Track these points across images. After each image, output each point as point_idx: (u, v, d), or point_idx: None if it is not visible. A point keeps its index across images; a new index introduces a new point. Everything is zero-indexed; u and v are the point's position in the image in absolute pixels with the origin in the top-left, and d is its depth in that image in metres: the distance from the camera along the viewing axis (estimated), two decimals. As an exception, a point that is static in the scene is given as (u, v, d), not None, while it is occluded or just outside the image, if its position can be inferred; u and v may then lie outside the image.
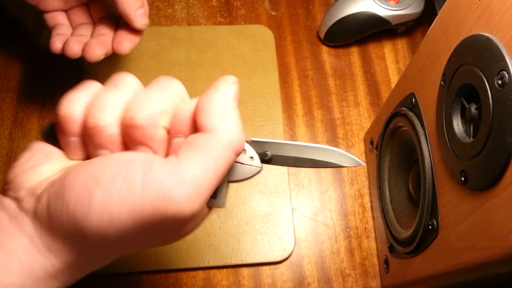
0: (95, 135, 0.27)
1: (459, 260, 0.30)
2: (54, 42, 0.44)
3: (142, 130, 0.26)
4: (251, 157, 0.28)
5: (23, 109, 0.54)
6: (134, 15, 0.42)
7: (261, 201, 0.51)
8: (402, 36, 0.62)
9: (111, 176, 0.24)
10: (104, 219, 0.23)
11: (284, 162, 0.29)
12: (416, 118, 0.38)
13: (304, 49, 0.61)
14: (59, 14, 0.47)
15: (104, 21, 0.46)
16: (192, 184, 0.24)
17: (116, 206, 0.23)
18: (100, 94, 0.27)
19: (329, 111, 0.57)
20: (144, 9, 0.43)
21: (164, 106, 0.27)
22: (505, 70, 0.25)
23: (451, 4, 0.33)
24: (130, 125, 0.26)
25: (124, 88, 0.28)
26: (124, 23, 0.44)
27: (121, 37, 0.44)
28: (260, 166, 0.28)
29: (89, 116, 0.27)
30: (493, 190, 0.27)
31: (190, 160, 0.24)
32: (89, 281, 0.47)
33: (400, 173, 0.46)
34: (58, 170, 0.27)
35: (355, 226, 0.51)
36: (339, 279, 0.49)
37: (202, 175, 0.24)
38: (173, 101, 0.28)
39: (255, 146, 0.28)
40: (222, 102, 0.26)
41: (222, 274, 0.48)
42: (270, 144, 0.29)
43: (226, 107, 0.26)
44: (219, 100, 0.26)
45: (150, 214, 0.23)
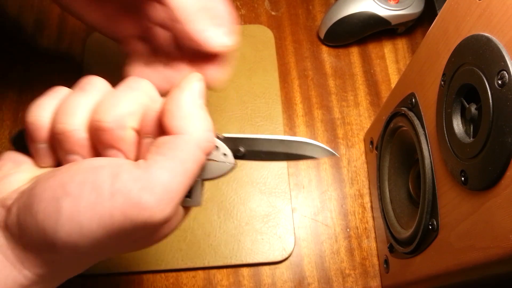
0: (63, 141, 0.26)
1: (459, 260, 0.30)
2: (128, 71, 0.39)
3: (110, 132, 0.26)
4: (224, 153, 0.28)
5: (23, 109, 0.54)
6: (199, 32, 0.32)
7: (261, 201, 0.51)
8: (402, 36, 0.62)
9: (79, 185, 0.23)
10: (74, 229, 0.23)
11: (258, 157, 0.28)
12: (416, 118, 0.38)
13: (304, 49, 0.61)
14: (134, 41, 0.40)
15: (181, 52, 0.38)
16: (161, 189, 0.23)
17: (85, 215, 0.23)
18: (68, 99, 0.27)
19: (329, 111, 0.57)
20: (223, 28, 0.33)
21: (132, 107, 0.26)
22: (505, 70, 0.25)
23: (451, 4, 0.33)
24: (98, 128, 0.26)
25: (91, 91, 0.27)
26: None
27: (202, 69, 0.36)
28: (234, 163, 0.28)
29: (57, 121, 0.26)
30: (493, 190, 0.27)
31: (158, 165, 0.24)
32: (88, 281, 0.47)
33: (400, 173, 0.46)
34: (28, 179, 0.26)
35: (355, 226, 0.51)
36: (339, 279, 0.49)
37: (172, 180, 0.24)
38: (142, 101, 0.27)
39: (228, 142, 0.28)
40: (187, 102, 0.25)
41: (222, 274, 0.48)
42: (243, 139, 0.28)
43: (191, 107, 0.25)
44: (184, 101, 0.25)
45: (120, 222, 0.23)
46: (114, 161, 0.25)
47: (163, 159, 0.24)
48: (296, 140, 0.28)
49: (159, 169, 0.24)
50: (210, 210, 0.50)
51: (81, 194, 0.23)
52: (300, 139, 0.28)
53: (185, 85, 0.26)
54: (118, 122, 0.25)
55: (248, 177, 0.52)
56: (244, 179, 0.52)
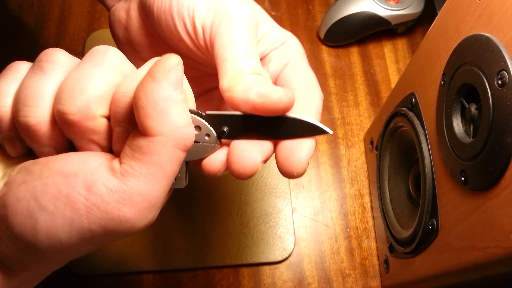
0: (30, 135, 0.23)
1: (459, 260, 0.30)
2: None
3: (77, 125, 0.22)
4: (207, 134, 0.25)
5: (23, 109, 0.54)
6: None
7: (261, 201, 0.51)
8: (402, 36, 0.62)
9: (52, 198, 0.22)
10: (53, 243, 0.22)
11: (242, 136, 0.25)
12: (416, 118, 0.38)
13: (304, 49, 0.60)
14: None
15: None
16: (141, 199, 0.22)
17: (63, 231, 0.22)
18: (27, 83, 0.23)
19: (329, 111, 0.57)
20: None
21: (100, 89, 0.22)
22: (505, 70, 0.25)
23: (451, 4, 0.33)
24: (63, 121, 0.22)
25: (53, 71, 0.23)
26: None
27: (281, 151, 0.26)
28: (217, 143, 0.25)
29: (18, 114, 0.23)
30: (493, 190, 0.27)
31: (135, 172, 0.22)
32: (88, 281, 0.47)
33: (400, 173, 0.46)
34: (1, 175, 0.25)
35: (355, 226, 0.51)
36: (339, 279, 0.49)
37: (151, 187, 0.22)
38: (111, 80, 0.23)
39: (210, 120, 0.25)
40: (160, 98, 0.21)
41: (222, 274, 0.48)
42: (226, 117, 0.25)
43: (166, 103, 0.21)
44: (157, 96, 0.21)
45: (101, 234, 0.22)
46: (87, 164, 0.23)
47: (139, 165, 0.22)
48: (283, 117, 0.25)
49: (136, 177, 0.22)
50: (210, 210, 0.50)
51: (56, 209, 0.22)
52: (289, 115, 0.25)
53: (158, 74, 0.21)
54: (85, 111, 0.22)
55: (248, 177, 0.52)
56: (244, 179, 0.52)
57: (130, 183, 0.22)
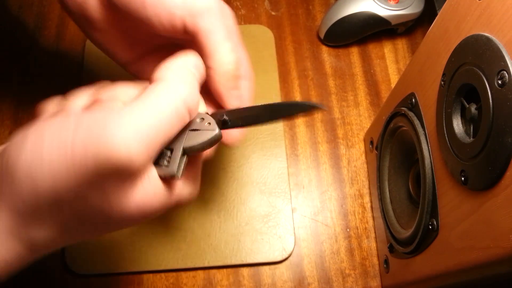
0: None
1: (459, 260, 0.30)
2: None
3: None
4: (209, 123, 0.27)
5: (23, 109, 0.54)
6: (226, 95, 0.35)
7: (261, 201, 0.51)
8: (402, 36, 0.62)
9: (49, 121, 0.23)
10: (35, 161, 0.23)
11: (242, 124, 0.29)
12: (416, 118, 0.38)
13: (304, 49, 0.61)
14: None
15: (203, 95, 0.40)
16: (132, 129, 0.23)
17: (46, 144, 0.23)
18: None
19: (329, 111, 0.57)
20: (241, 90, 0.37)
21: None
22: (505, 70, 0.25)
23: (451, 4, 0.33)
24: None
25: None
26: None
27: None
28: (218, 131, 0.27)
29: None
30: (493, 190, 0.27)
31: (133, 107, 0.23)
32: (88, 281, 0.47)
33: (400, 173, 0.46)
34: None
35: (355, 226, 0.51)
36: (339, 279, 0.49)
37: (144, 122, 0.23)
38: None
39: (212, 115, 0.29)
40: (177, 62, 0.26)
41: (222, 274, 0.48)
42: (226, 110, 0.29)
43: (181, 67, 0.26)
44: (175, 60, 0.26)
45: (82, 157, 0.22)
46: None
47: (139, 102, 0.24)
48: (279, 103, 0.29)
49: (133, 110, 0.23)
50: (210, 210, 0.50)
51: (49, 126, 0.23)
52: (284, 102, 0.29)
53: (180, 54, 0.27)
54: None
55: (248, 177, 0.52)
56: (244, 179, 0.52)
57: (124, 114, 0.23)
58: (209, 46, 0.34)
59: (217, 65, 0.34)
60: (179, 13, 0.32)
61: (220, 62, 0.34)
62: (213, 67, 0.34)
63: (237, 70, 0.36)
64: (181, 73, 0.25)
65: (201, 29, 0.33)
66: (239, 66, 0.36)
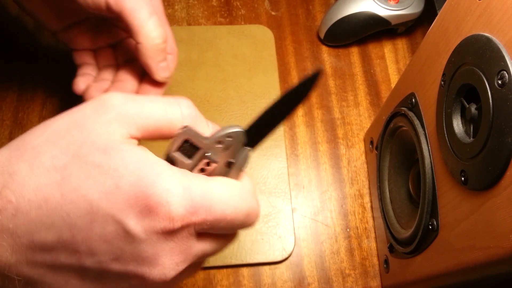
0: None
1: (459, 260, 0.30)
2: (77, 83, 0.44)
3: None
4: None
5: (23, 109, 0.54)
6: (155, 67, 0.40)
7: (261, 201, 0.51)
8: (402, 36, 0.62)
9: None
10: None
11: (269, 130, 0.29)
12: (416, 118, 0.38)
13: (304, 49, 0.61)
14: (86, 53, 0.46)
15: (128, 65, 0.45)
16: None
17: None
18: None
19: (329, 111, 0.57)
20: (168, 62, 0.42)
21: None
22: (505, 70, 0.25)
23: (451, 4, 0.33)
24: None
25: None
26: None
27: (145, 89, 0.43)
28: (241, 130, 0.27)
29: None
30: (493, 190, 0.27)
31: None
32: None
33: (400, 173, 0.46)
34: None
35: (355, 226, 0.51)
36: (339, 279, 0.49)
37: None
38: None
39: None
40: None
41: (222, 274, 0.48)
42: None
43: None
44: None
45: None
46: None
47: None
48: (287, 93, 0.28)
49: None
50: (210, 210, 0.50)
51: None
52: (287, 92, 0.28)
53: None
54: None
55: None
56: (244, 179, 0.52)
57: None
58: (135, 23, 0.37)
59: (145, 40, 0.38)
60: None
61: (148, 37, 0.38)
62: (142, 41, 0.38)
63: (164, 43, 0.40)
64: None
65: (125, 8, 0.37)
66: (165, 40, 0.40)
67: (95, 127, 0.24)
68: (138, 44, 0.39)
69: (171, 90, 0.55)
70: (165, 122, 0.26)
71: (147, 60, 0.40)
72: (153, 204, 0.23)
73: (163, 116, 0.26)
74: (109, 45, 0.47)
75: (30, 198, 0.22)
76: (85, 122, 0.24)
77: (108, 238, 0.23)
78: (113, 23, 0.45)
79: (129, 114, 0.25)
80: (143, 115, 0.25)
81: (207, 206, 0.24)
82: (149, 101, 0.26)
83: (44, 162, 0.23)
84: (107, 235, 0.23)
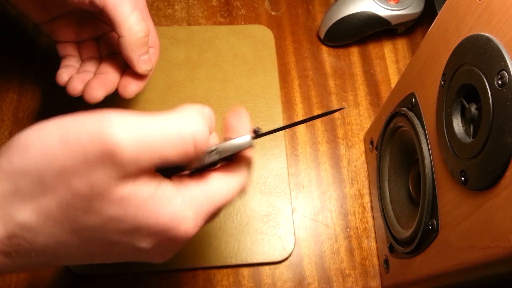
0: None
1: (459, 260, 0.30)
2: (60, 74, 0.45)
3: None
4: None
5: (23, 109, 0.54)
6: (136, 60, 0.42)
7: (261, 201, 0.51)
8: (402, 36, 0.62)
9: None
10: (34, 137, 0.24)
11: (269, 133, 0.31)
12: (416, 118, 0.38)
13: (304, 49, 0.61)
14: (70, 46, 0.47)
15: (111, 58, 0.46)
16: (134, 133, 0.23)
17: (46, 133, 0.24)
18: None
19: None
20: (149, 55, 0.43)
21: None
22: (505, 70, 0.25)
23: (451, 4, 0.33)
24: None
25: None
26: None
27: (126, 81, 0.44)
28: (249, 141, 0.29)
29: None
30: (493, 190, 0.27)
31: (143, 117, 0.24)
32: (88, 281, 0.47)
33: (400, 173, 0.46)
34: None
35: (355, 226, 0.51)
36: (339, 279, 0.49)
37: (148, 132, 0.24)
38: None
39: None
40: (196, 107, 0.27)
41: (222, 274, 0.48)
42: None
43: (198, 111, 0.27)
44: (193, 105, 0.27)
45: (77, 140, 0.23)
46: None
47: (151, 117, 0.25)
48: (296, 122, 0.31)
49: (142, 117, 0.24)
50: (210, 210, 0.50)
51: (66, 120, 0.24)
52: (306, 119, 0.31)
53: (199, 105, 0.28)
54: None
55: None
56: (244, 179, 0.52)
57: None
58: (118, 17, 0.39)
59: (127, 33, 0.40)
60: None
61: (130, 31, 0.39)
62: (124, 35, 0.40)
63: (145, 37, 0.41)
64: (197, 114, 0.26)
65: (108, 3, 0.38)
66: (147, 34, 0.41)
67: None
68: (120, 37, 0.40)
69: (171, 90, 0.55)
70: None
71: (129, 53, 0.41)
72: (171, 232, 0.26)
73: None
74: (93, 38, 0.48)
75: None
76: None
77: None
78: (97, 16, 0.46)
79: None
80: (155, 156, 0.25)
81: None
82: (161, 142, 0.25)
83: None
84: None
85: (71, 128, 0.23)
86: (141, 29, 0.40)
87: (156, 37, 0.45)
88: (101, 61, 0.47)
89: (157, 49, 0.46)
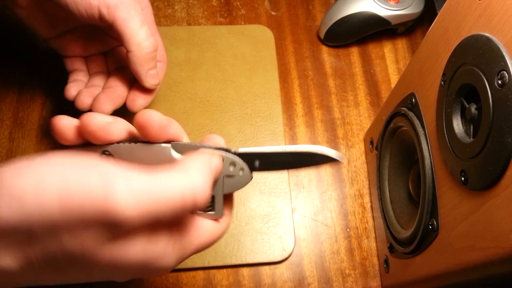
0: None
1: (459, 260, 0.30)
2: (69, 89, 0.45)
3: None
4: (241, 168, 0.30)
5: (23, 109, 0.54)
6: (144, 75, 0.42)
7: (261, 201, 0.51)
8: (402, 36, 0.62)
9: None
10: (31, 186, 0.22)
11: (271, 169, 0.30)
12: (416, 118, 0.38)
13: (304, 49, 0.61)
14: (78, 60, 0.47)
15: (118, 72, 0.46)
16: (137, 195, 0.23)
17: (48, 180, 0.22)
18: None
19: (329, 111, 0.57)
20: (157, 69, 0.43)
21: None
22: (505, 70, 0.25)
23: (451, 4, 0.33)
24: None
25: None
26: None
27: (134, 95, 0.45)
28: (251, 176, 0.30)
29: None
30: (493, 190, 0.27)
31: (147, 176, 0.24)
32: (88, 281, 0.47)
33: (400, 173, 0.46)
34: None
35: (355, 226, 0.51)
36: (339, 279, 0.49)
37: (152, 195, 0.24)
38: None
39: (243, 157, 0.30)
40: (202, 159, 0.28)
41: (222, 274, 0.48)
42: (257, 154, 0.30)
43: (204, 163, 0.27)
44: (201, 156, 0.28)
45: (76, 199, 0.22)
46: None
47: (154, 176, 0.24)
48: (306, 152, 0.30)
49: (146, 177, 0.24)
50: (210, 210, 0.50)
51: (64, 163, 0.23)
52: (310, 149, 0.30)
53: (208, 153, 0.29)
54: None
55: (248, 177, 0.52)
56: (244, 179, 0.52)
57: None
58: (127, 32, 0.39)
59: (136, 48, 0.40)
60: (96, 4, 0.37)
61: (138, 46, 0.40)
62: (133, 50, 0.40)
63: (154, 52, 0.41)
64: (202, 169, 0.26)
65: (118, 18, 0.38)
66: (156, 49, 0.41)
67: None
68: (129, 52, 0.40)
69: (171, 90, 0.55)
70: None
71: (137, 68, 0.41)
72: None
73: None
74: (101, 53, 0.48)
75: None
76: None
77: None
78: (105, 31, 0.46)
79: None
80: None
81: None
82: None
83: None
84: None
85: (73, 186, 0.22)
86: (149, 44, 0.40)
87: (163, 51, 0.46)
88: (109, 76, 0.47)
89: (164, 63, 0.46)
